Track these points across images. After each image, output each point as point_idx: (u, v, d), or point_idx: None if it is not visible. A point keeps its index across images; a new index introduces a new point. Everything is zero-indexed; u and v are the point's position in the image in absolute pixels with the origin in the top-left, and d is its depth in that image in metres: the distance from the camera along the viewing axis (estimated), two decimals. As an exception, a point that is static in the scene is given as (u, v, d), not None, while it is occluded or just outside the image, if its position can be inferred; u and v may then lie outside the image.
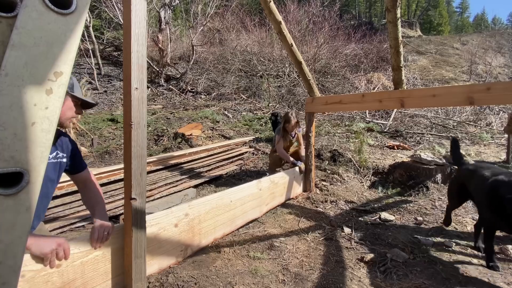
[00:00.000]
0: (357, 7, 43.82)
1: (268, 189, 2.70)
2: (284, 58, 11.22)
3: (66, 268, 1.22)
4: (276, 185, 2.83)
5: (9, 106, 0.68)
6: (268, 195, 2.70)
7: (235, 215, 2.28)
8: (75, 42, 0.80)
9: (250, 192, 2.45)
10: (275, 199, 2.83)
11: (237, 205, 2.29)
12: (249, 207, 2.44)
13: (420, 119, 7.95)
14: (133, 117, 1.30)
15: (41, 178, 0.74)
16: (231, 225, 2.24)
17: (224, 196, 2.18)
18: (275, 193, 2.82)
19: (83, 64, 10.29)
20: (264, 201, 2.64)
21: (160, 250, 1.66)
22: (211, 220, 2.04)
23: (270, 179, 2.77)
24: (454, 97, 2.22)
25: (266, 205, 2.68)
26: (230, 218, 2.23)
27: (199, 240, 1.95)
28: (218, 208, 2.10)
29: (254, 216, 2.50)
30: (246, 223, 2.41)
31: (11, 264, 0.68)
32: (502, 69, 15.99)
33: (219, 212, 2.11)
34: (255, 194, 2.52)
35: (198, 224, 1.93)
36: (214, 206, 2.07)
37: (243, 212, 2.36)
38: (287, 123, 3.46)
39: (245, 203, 2.39)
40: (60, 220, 2.44)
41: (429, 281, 1.63)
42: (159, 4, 10.87)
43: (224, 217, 2.16)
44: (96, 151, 4.86)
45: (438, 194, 3.05)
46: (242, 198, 2.35)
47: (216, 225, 2.09)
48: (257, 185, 2.56)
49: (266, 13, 2.60)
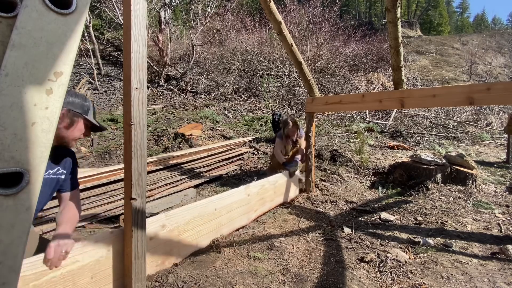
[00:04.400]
0: (357, 7, 43.84)
1: (257, 195, 2.55)
2: (284, 58, 11.22)
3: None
4: (266, 190, 2.69)
5: (9, 106, 0.68)
6: (257, 201, 2.55)
7: (221, 224, 2.13)
8: (75, 42, 0.80)
9: (237, 198, 2.31)
10: (265, 205, 2.68)
11: (222, 213, 2.14)
12: (236, 214, 2.29)
13: (420, 119, 7.95)
14: (133, 117, 1.30)
15: (41, 178, 0.74)
16: (216, 235, 2.10)
17: (208, 204, 2.04)
18: (265, 198, 2.68)
19: (83, 64, 10.30)
20: (253, 207, 2.50)
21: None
22: (192, 230, 1.88)
23: (259, 183, 2.63)
24: (454, 97, 2.22)
25: (254, 212, 2.52)
26: (215, 227, 2.08)
27: (178, 252, 1.80)
28: (201, 217, 1.95)
29: (242, 223, 2.37)
30: (232, 231, 2.28)
31: (11, 264, 0.68)
32: (502, 69, 15.99)
33: (202, 221, 1.96)
34: (243, 200, 2.37)
35: (177, 236, 1.78)
36: (196, 215, 1.92)
37: (229, 220, 2.22)
38: (286, 127, 3.50)
39: (232, 210, 2.24)
40: (60, 220, 2.44)
41: (429, 281, 1.63)
42: (159, 4, 10.88)
43: (207, 226, 2.01)
44: (96, 151, 4.86)
45: (438, 194, 3.05)
46: (229, 205, 2.21)
47: (199, 236, 1.94)
48: (245, 191, 2.42)
49: (266, 13, 2.60)
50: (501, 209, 2.70)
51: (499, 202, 2.87)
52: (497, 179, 3.61)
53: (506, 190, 3.22)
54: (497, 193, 3.15)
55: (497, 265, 1.79)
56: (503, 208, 2.73)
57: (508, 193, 3.14)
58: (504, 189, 3.25)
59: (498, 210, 2.67)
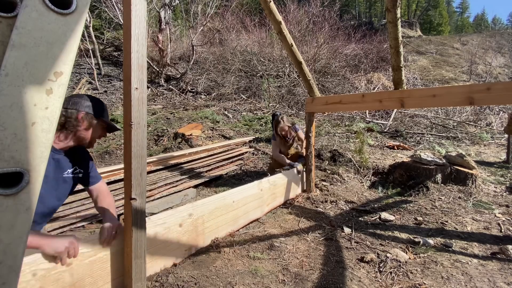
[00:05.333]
0: (357, 7, 43.86)
1: (269, 190, 2.72)
2: (284, 58, 11.22)
3: (76, 266, 1.23)
4: (276, 186, 2.85)
5: (9, 106, 0.68)
6: (269, 196, 2.71)
7: (237, 215, 2.30)
8: (75, 42, 0.80)
9: (251, 192, 2.47)
10: (276, 200, 2.85)
11: (239, 205, 2.31)
12: (251, 207, 2.46)
13: (420, 119, 7.95)
14: (133, 117, 1.30)
15: (41, 178, 0.74)
16: (233, 225, 2.26)
17: (226, 196, 2.20)
18: (276, 193, 2.84)
19: (83, 64, 10.30)
20: (265, 201, 2.66)
21: (165, 250, 1.68)
22: (214, 220, 2.06)
23: (270, 180, 2.78)
24: (454, 97, 2.22)
25: (267, 206, 2.69)
26: (233, 218, 2.25)
27: (203, 240, 1.97)
28: (221, 209, 2.12)
29: (256, 216, 2.53)
30: (248, 223, 2.44)
31: (11, 264, 0.68)
32: (502, 69, 15.99)
33: (222, 212, 2.13)
34: (257, 195, 2.54)
35: (201, 224, 1.95)
36: (217, 206, 2.09)
37: (245, 212, 2.38)
38: (276, 127, 3.47)
39: (247, 203, 2.41)
40: (60, 220, 2.45)
41: (429, 281, 1.63)
42: (159, 4, 10.87)
43: (227, 217, 2.18)
44: (96, 151, 4.87)
45: (438, 194, 3.05)
46: (244, 199, 2.38)
47: (219, 225, 2.11)
48: (258, 186, 2.58)
49: (266, 13, 2.60)
50: (501, 209, 2.70)
51: (499, 202, 2.87)
52: (497, 179, 3.61)
53: (506, 190, 3.22)
54: (497, 193, 3.15)
55: (497, 265, 1.79)
56: (503, 208, 2.73)
57: (508, 193, 3.14)
58: (504, 189, 3.25)
59: (498, 210, 2.67)
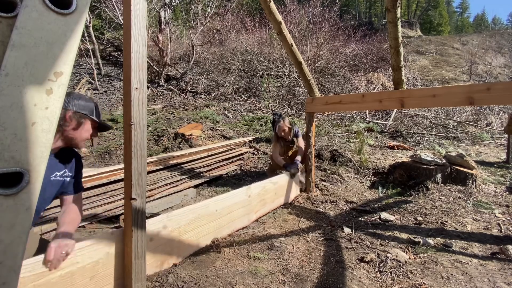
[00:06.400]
0: (357, 7, 43.85)
1: (258, 196, 2.57)
2: (284, 58, 11.22)
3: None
4: (267, 191, 2.70)
5: (9, 106, 0.68)
6: (257, 202, 2.56)
7: (221, 225, 2.14)
8: (75, 42, 0.80)
9: (238, 199, 2.33)
10: (266, 206, 2.69)
11: (223, 214, 2.15)
12: (237, 215, 2.31)
13: (420, 119, 7.95)
14: (133, 117, 1.30)
15: (41, 178, 0.74)
16: (216, 236, 2.11)
17: (209, 204, 2.05)
18: (266, 199, 2.69)
19: (83, 64, 10.30)
20: (253, 208, 2.51)
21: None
22: (193, 231, 1.90)
23: (260, 184, 2.64)
24: (454, 97, 2.22)
25: (255, 213, 2.54)
26: (215, 228, 2.09)
27: (178, 253, 1.81)
28: (201, 218, 1.97)
29: (242, 225, 2.37)
30: (233, 232, 2.29)
31: (11, 264, 0.68)
32: (502, 69, 15.99)
33: (202, 222, 1.98)
34: (244, 202, 2.39)
35: (178, 236, 1.79)
36: (197, 216, 1.94)
37: (230, 221, 2.23)
38: (276, 127, 3.47)
39: (232, 211, 2.25)
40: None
41: (429, 281, 1.63)
42: (159, 4, 10.86)
43: (208, 227, 2.03)
44: (96, 151, 4.87)
45: (438, 194, 3.05)
46: (229, 207, 2.23)
47: (200, 236, 1.96)
48: (246, 192, 2.44)
49: (266, 13, 2.60)
50: (501, 209, 2.70)
51: (499, 202, 2.87)
52: (497, 179, 3.61)
53: (506, 190, 3.22)
54: (497, 193, 3.15)
55: (497, 265, 1.79)
56: (503, 208, 2.73)
57: (508, 193, 3.14)
58: (504, 189, 3.25)
59: (498, 210, 2.67)
